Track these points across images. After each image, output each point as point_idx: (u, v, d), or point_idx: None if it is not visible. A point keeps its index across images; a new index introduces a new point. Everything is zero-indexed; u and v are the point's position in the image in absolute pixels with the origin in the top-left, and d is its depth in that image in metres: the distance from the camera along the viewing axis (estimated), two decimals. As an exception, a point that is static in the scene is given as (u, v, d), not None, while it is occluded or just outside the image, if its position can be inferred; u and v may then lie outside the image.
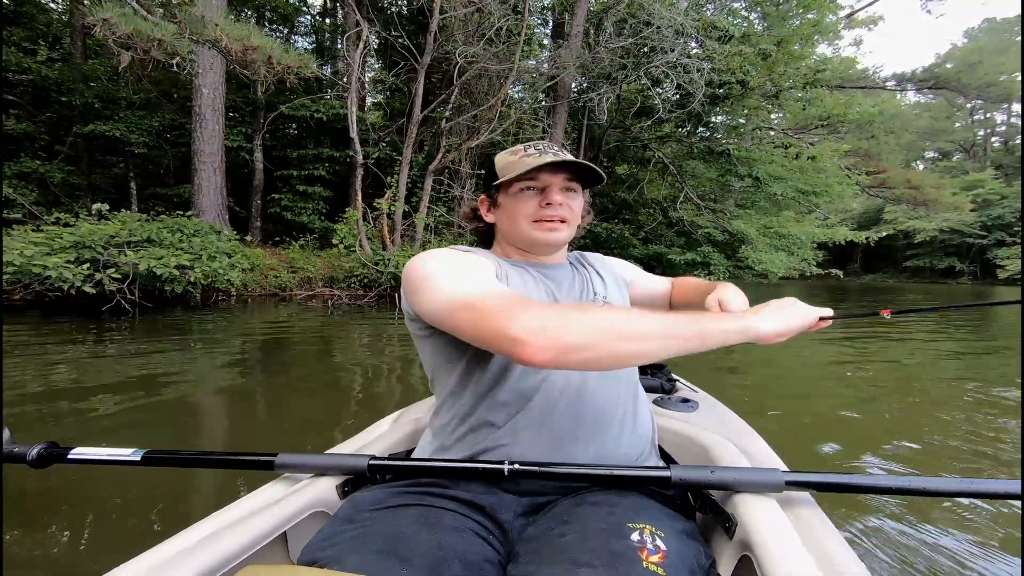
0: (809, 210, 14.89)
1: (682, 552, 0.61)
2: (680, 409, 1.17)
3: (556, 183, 0.85)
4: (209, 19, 5.78)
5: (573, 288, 0.92)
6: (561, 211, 0.86)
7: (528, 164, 0.82)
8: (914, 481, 0.68)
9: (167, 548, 0.61)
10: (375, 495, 0.72)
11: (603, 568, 0.55)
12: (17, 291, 5.66)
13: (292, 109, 10.69)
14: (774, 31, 13.43)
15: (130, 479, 1.76)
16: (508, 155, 0.89)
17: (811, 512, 0.68)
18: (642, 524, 0.63)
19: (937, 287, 25.46)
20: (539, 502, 0.74)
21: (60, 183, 9.42)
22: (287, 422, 2.51)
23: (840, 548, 0.61)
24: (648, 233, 13.71)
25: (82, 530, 1.50)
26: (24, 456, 0.81)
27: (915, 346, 5.17)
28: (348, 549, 0.59)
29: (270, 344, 4.58)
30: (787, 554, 0.58)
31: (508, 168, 0.86)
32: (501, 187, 0.88)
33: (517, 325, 0.59)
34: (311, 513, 0.75)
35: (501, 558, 0.67)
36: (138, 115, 10.16)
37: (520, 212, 0.86)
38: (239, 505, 0.73)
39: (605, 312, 0.63)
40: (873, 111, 13.83)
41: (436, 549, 0.61)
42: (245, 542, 0.64)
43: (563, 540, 0.61)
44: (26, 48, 10.97)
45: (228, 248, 7.35)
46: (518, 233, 0.88)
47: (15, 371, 3.22)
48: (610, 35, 10.27)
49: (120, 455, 0.80)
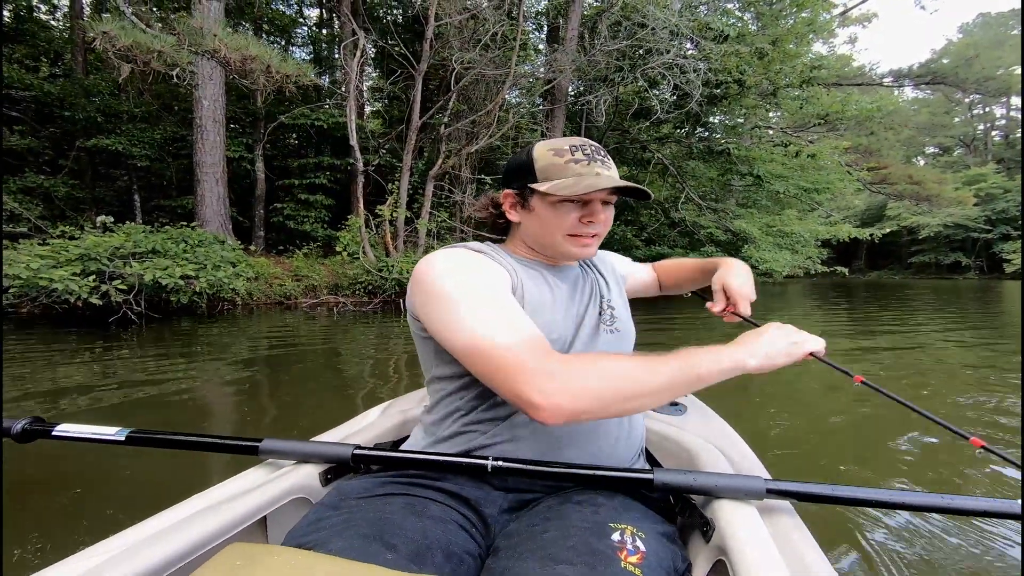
0: (812, 208, 14.86)
1: (660, 554, 0.61)
2: (668, 412, 1.17)
3: (599, 197, 0.81)
4: (207, 30, 5.83)
5: (584, 293, 0.91)
6: (598, 228, 0.83)
7: (582, 182, 0.76)
8: (900, 495, 0.68)
9: (146, 527, 0.61)
10: (362, 483, 0.72)
11: (581, 566, 0.55)
12: (25, 304, 5.69)
13: (292, 119, 10.76)
14: (768, 30, 13.47)
15: (114, 459, 1.75)
16: (552, 155, 0.80)
17: (790, 521, 0.69)
18: (624, 525, 0.63)
19: (943, 283, 25.30)
20: (525, 499, 0.75)
21: (64, 197, 9.50)
22: (295, 429, 2.51)
23: (816, 558, 0.61)
24: (651, 234, 13.70)
25: (62, 508, 1.50)
26: (9, 430, 0.81)
27: (929, 351, 5.15)
28: (333, 534, 0.59)
29: (277, 351, 4.58)
30: (761, 561, 0.58)
31: (552, 171, 0.79)
32: (537, 190, 0.81)
33: (535, 391, 0.61)
34: (292, 499, 0.75)
35: (482, 551, 0.67)
36: (140, 128, 10.24)
37: (558, 225, 0.81)
38: (221, 488, 0.73)
39: (618, 372, 0.64)
40: (871, 107, 13.84)
41: (420, 537, 0.61)
42: (224, 524, 0.64)
43: (544, 537, 0.62)
44: (28, 65, 11.10)
45: (232, 257, 7.39)
46: (549, 242, 0.84)
47: (27, 382, 3.23)
48: (605, 38, 10.32)
49: (104, 434, 0.80)
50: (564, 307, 0.84)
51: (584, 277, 0.94)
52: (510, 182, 0.86)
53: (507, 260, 0.83)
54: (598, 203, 0.81)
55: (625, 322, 0.92)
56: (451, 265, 0.76)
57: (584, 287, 0.91)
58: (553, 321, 0.80)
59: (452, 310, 0.70)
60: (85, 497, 1.59)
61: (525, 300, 0.79)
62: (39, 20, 13.12)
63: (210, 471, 1.78)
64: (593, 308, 0.89)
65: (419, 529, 0.62)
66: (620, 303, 0.95)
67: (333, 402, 2.93)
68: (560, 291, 0.86)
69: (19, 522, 1.44)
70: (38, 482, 1.68)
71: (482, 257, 0.81)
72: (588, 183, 0.75)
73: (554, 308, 0.82)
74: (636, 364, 0.65)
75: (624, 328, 0.90)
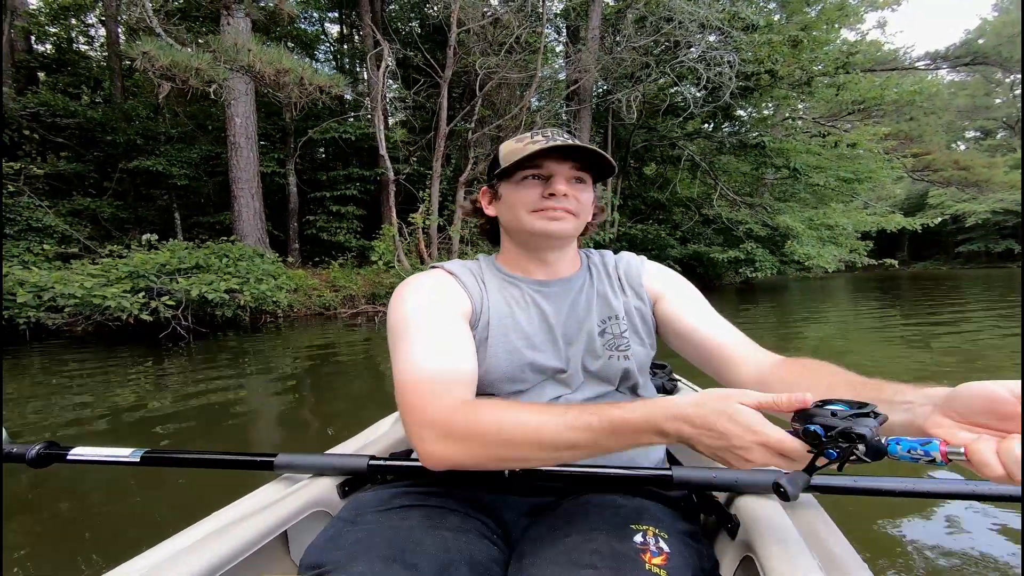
0: (850, 198, 14.27)
1: (684, 554, 0.60)
2: None
3: (562, 172, 0.78)
4: (242, 46, 5.91)
5: (575, 310, 0.81)
6: (566, 202, 0.77)
7: (531, 148, 0.75)
8: (916, 483, 0.67)
9: (167, 547, 0.61)
10: (378, 495, 0.70)
11: (605, 569, 0.54)
12: (80, 322, 5.82)
13: (321, 132, 10.90)
14: (796, 18, 13.05)
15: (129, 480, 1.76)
16: (513, 142, 0.80)
17: (814, 513, 0.68)
18: (645, 526, 0.62)
19: (996, 271, 23.94)
20: (543, 502, 0.73)
21: (110, 217, 9.79)
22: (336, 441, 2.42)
23: (844, 550, 0.60)
24: (685, 232, 13.37)
25: (82, 530, 1.50)
26: (23, 456, 0.81)
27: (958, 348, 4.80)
28: (353, 554, 0.58)
29: (321, 363, 4.57)
30: (790, 555, 0.57)
31: (512, 155, 0.78)
32: (504, 177, 0.81)
33: (416, 437, 0.63)
34: (311, 513, 0.75)
35: (505, 558, 0.66)
36: (177, 148, 10.51)
37: (520, 201, 0.79)
38: (239, 505, 0.73)
39: (509, 432, 0.59)
40: (912, 91, 13.24)
41: (442, 552, 0.59)
42: (246, 541, 0.63)
43: (566, 541, 0.61)
44: (71, 93, 11.55)
45: (273, 270, 7.45)
46: (518, 224, 0.80)
47: (85, 394, 3.24)
48: (629, 35, 10.14)
49: (119, 455, 0.79)
50: (545, 327, 0.80)
51: (583, 292, 0.84)
52: (487, 181, 0.88)
53: (482, 279, 0.83)
54: (560, 177, 0.77)
55: (637, 344, 0.81)
56: (408, 293, 0.78)
57: (577, 304, 0.82)
58: (529, 343, 0.77)
59: (394, 342, 0.73)
60: (102, 518, 1.59)
61: (490, 323, 0.78)
62: (78, 51, 13.71)
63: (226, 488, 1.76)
64: (590, 325, 0.80)
65: (440, 543, 0.60)
66: (639, 321, 0.83)
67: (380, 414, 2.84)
68: (539, 309, 0.81)
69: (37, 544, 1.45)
70: (54, 503, 1.69)
71: (448, 281, 0.81)
72: (536, 148, 0.74)
73: (531, 327, 0.79)
74: (539, 425, 0.59)
75: (636, 353, 0.80)
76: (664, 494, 0.73)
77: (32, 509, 1.63)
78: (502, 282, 0.84)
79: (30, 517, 1.57)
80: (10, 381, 3.89)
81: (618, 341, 0.80)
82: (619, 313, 0.82)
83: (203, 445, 2.41)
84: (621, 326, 0.81)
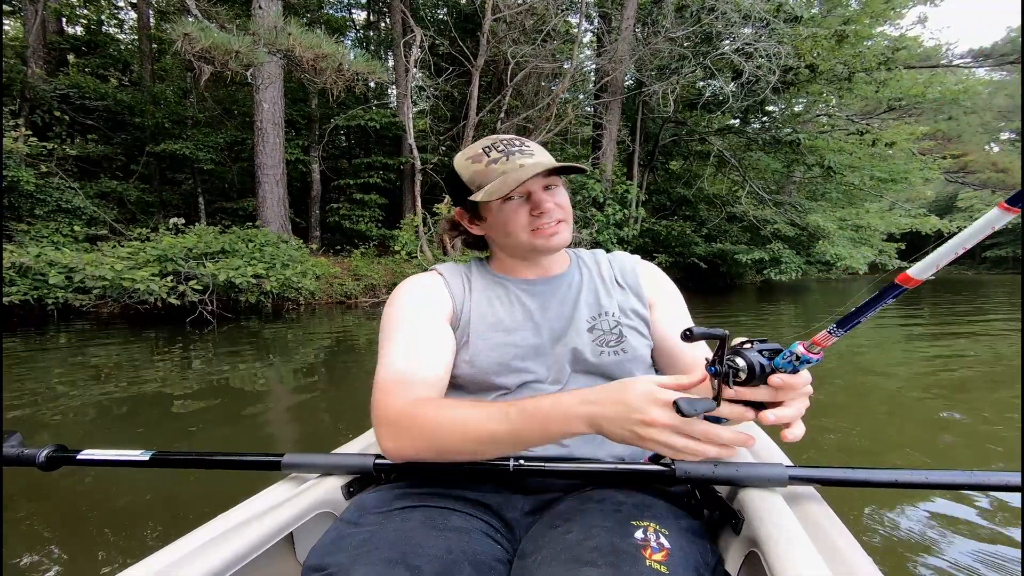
0: (880, 198, 13.79)
1: (686, 550, 0.59)
2: None
3: (538, 185, 0.79)
4: (282, 29, 5.79)
5: (562, 306, 0.83)
6: (556, 214, 0.80)
7: (508, 179, 0.74)
8: (917, 475, 0.68)
9: (176, 549, 0.61)
10: (380, 496, 0.71)
11: (606, 566, 0.54)
12: (107, 304, 5.81)
13: (346, 120, 10.80)
14: (838, 11, 12.55)
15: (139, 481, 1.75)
16: (470, 163, 0.80)
17: (817, 507, 0.68)
18: (646, 522, 0.62)
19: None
20: (545, 499, 0.74)
21: (136, 201, 9.83)
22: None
23: (848, 543, 0.60)
24: (711, 230, 13.03)
25: (91, 532, 1.48)
26: (33, 459, 0.80)
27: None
28: (355, 556, 0.57)
29: (345, 353, 4.51)
30: (795, 549, 0.56)
31: (479, 178, 0.78)
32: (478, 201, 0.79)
33: (377, 433, 0.69)
34: (318, 513, 0.75)
35: (509, 556, 0.66)
36: (204, 132, 10.50)
37: (512, 223, 0.79)
38: (246, 506, 0.73)
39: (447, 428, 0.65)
40: (956, 89, 12.69)
41: (445, 553, 0.59)
42: (252, 543, 0.63)
43: (567, 538, 0.60)
44: (100, 75, 11.61)
45: (299, 257, 7.40)
46: (516, 243, 0.81)
47: (110, 383, 3.17)
48: (666, 28, 9.83)
49: (129, 456, 0.80)
50: (530, 323, 0.81)
51: (571, 289, 0.86)
52: (455, 202, 0.86)
53: (469, 281, 0.85)
54: (540, 192, 0.79)
55: (636, 340, 0.82)
56: (399, 295, 0.82)
57: (564, 301, 0.84)
58: (510, 338, 0.79)
59: (380, 342, 0.77)
60: (109, 519, 1.57)
61: (470, 322, 0.80)
62: (108, 34, 13.78)
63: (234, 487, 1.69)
64: (578, 321, 0.82)
65: (442, 544, 0.60)
66: (635, 318, 0.85)
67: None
68: (523, 307, 0.82)
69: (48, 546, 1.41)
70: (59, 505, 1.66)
71: (437, 283, 0.84)
72: (514, 177, 0.74)
73: (514, 323, 0.81)
74: (465, 419, 0.65)
75: (633, 347, 0.81)
76: (667, 490, 0.73)
77: (38, 509, 1.60)
78: (489, 282, 0.86)
79: (37, 518, 1.56)
80: (37, 360, 3.87)
81: (608, 337, 0.81)
82: (610, 310, 0.83)
83: (220, 432, 2.39)
84: (611, 322, 0.82)
